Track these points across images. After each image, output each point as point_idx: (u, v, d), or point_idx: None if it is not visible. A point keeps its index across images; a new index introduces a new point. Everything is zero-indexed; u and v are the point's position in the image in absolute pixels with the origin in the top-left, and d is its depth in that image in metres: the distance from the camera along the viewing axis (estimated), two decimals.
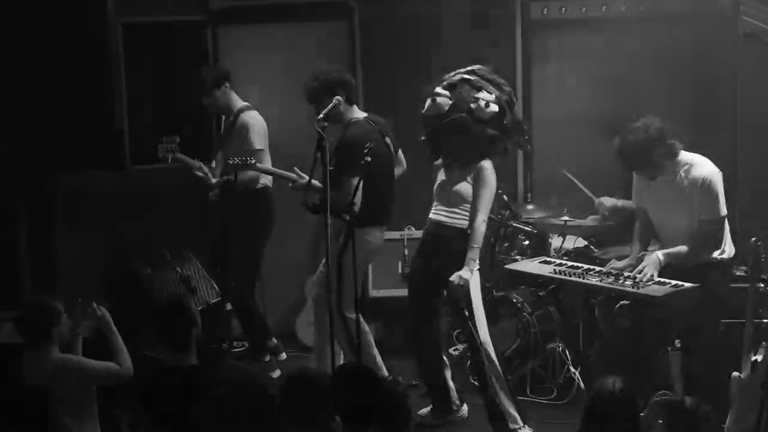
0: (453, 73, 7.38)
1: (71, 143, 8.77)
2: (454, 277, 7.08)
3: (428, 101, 7.28)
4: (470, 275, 7.08)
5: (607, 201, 8.29)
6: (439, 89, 7.29)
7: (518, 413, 7.33)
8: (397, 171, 7.79)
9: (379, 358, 7.67)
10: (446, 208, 7.36)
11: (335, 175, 7.07)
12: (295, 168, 7.54)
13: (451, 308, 7.55)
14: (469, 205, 7.24)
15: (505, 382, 7.41)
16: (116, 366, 6.34)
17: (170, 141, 8.31)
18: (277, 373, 8.32)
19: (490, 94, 7.20)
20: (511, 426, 7.25)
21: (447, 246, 7.31)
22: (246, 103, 8.47)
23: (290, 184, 7.61)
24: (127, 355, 6.43)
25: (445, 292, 7.43)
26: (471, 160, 7.21)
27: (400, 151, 7.77)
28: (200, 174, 8.29)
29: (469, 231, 7.15)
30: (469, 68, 7.37)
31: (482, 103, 7.13)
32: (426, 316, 7.53)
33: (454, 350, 8.44)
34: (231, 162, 7.84)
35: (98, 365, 6.32)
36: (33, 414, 5.96)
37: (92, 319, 6.45)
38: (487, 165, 7.24)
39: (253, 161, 7.87)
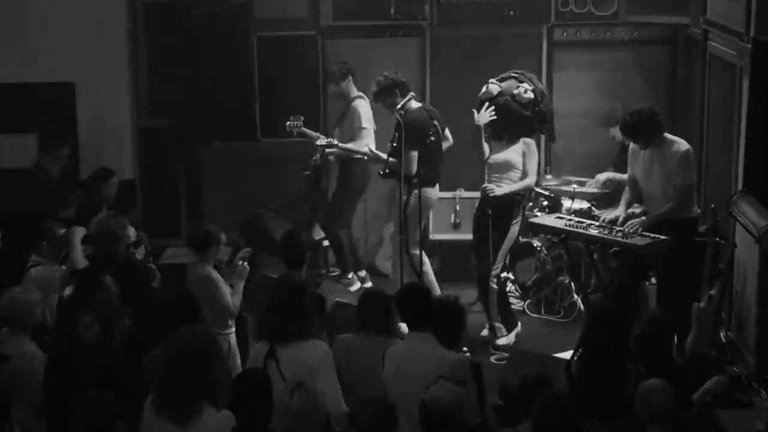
0: (504, 74, 8.37)
1: (219, 120, 9.63)
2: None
3: (483, 87, 8.16)
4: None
5: (602, 175, 9.02)
6: (492, 79, 8.23)
7: (504, 324, 8.22)
8: (445, 145, 8.45)
9: (435, 283, 8.37)
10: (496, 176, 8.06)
11: (404, 149, 7.93)
12: (369, 146, 8.54)
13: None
14: (513, 172, 8.07)
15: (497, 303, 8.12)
16: (233, 301, 6.85)
17: (296, 119, 8.87)
18: (355, 287, 8.88)
19: (529, 86, 8.19)
20: (498, 333, 8.26)
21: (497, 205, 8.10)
22: (360, 93, 8.97)
23: (365, 158, 8.64)
24: (240, 299, 6.89)
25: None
26: (514, 137, 8.08)
27: (447, 130, 8.42)
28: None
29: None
30: (515, 71, 8.38)
31: (521, 90, 8.11)
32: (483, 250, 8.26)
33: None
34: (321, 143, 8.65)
35: (226, 291, 6.80)
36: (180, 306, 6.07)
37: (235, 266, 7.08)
38: (531, 141, 8.15)
39: (335, 142, 8.61)
